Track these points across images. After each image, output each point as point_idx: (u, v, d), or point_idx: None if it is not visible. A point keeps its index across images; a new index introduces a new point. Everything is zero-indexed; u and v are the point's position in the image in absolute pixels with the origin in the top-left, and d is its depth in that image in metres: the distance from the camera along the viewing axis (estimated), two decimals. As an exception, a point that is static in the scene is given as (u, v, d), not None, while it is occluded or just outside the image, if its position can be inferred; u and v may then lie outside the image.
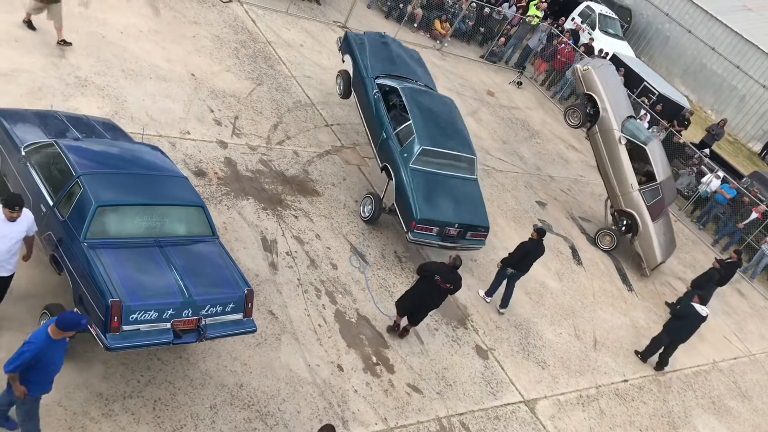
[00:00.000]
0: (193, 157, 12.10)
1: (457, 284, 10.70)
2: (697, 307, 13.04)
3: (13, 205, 7.29)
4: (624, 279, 15.99)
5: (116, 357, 8.20)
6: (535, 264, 14.48)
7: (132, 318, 7.36)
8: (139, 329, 7.46)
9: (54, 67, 12.31)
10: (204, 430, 8.16)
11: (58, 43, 12.56)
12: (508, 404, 10.95)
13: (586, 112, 16.79)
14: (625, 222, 16.21)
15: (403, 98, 13.18)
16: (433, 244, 12.45)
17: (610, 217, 16.73)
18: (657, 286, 16.45)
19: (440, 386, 10.55)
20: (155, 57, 14.09)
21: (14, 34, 12.51)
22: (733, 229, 19.80)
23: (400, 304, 10.85)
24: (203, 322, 7.86)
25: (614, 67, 19.02)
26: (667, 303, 15.67)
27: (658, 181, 15.99)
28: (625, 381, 12.85)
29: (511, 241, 14.83)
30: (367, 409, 9.56)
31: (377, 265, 12.15)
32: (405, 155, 12.56)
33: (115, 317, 7.27)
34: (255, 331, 8.57)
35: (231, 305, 8.13)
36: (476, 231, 12.69)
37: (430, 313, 11.64)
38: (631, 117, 16.99)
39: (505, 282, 12.65)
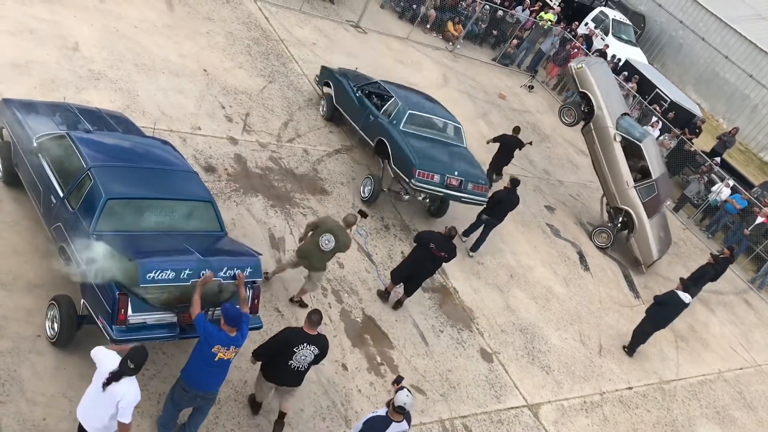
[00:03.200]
0: (204, 153, 12.13)
1: (451, 253, 11.10)
2: (680, 294, 13.14)
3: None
4: (631, 286, 15.93)
5: (122, 350, 8.22)
6: (541, 268, 14.51)
7: (149, 277, 7.15)
8: (145, 322, 7.48)
9: (67, 59, 12.36)
10: (207, 425, 8.16)
11: (292, 300, 10.39)
12: (512, 408, 10.93)
13: (581, 110, 16.89)
14: (621, 219, 16.22)
15: (382, 86, 14.30)
16: (437, 191, 12.83)
17: (606, 215, 16.77)
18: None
19: (444, 388, 10.54)
20: (168, 52, 14.14)
21: (29, 25, 12.57)
22: (740, 238, 19.71)
23: (396, 272, 11.21)
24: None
25: (608, 65, 19.00)
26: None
27: (654, 177, 16.09)
28: (630, 388, 12.80)
29: (519, 245, 14.84)
30: (370, 408, 9.54)
31: (384, 265, 12.13)
32: (395, 122, 13.35)
33: (122, 309, 7.29)
34: (261, 327, 8.59)
35: (249, 269, 8.02)
36: (477, 184, 13.17)
37: (435, 316, 11.65)
38: (625, 114, 17.04)
39: (481, 228, 13.54)
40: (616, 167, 16.15)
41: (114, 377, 6.30)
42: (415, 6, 22.14)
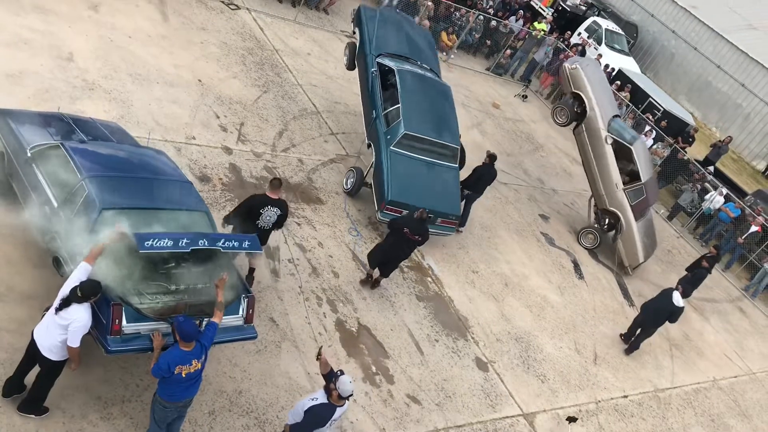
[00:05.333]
0: (198, 163, 12.13)
1: (424, 236, 11.41)
2: (675, 295, 13.33)
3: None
4: (625, 294, 15.95)
5: (116, 361, 8.19)
6: (536, 277, 14.53)
7: (147, 244, 7.25)
8: (139, 332, 7.44)
9: (62, 69, 12.36)
10: (202, 435, 8.14)
11: None
12: (507, 417, 10.91)
13: (574, 111, 16.88)
14: (607, 220, 16.33)
15: (397, 80, 13.45)
16: None
17: (593, 215, 16.86)
18: (658, 302, 16.40)
19: (439, 398, 10.53)
20: (163, 62, 14.15)
21: (23, 36, 12.57)
22: (734, 245, 19.78)
23: (371, 256, 11.44)
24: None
25: (600, 65, 19.06)
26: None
27: (643, 181, 16.15)
28: (625, 397, 12.81)
29: (513, 254, 14.86)
30: (365, 419, 9.53)
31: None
32: (388, 137, 13.04)
33: (116, 320, 7.27)
34: (255, 337, 8.56)
35: (246, 242, 8.20)
36: (447, 218, 13.11)
37: (431, 325, 11.66)
38: (616, 116, 17.09)
39: (463, 203, 13.99)
40: (606, 169, 16.22)
41: (64, 303, 6.80)
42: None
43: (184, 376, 6.97)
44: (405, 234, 11.11)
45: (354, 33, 14.98)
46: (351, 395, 7.24)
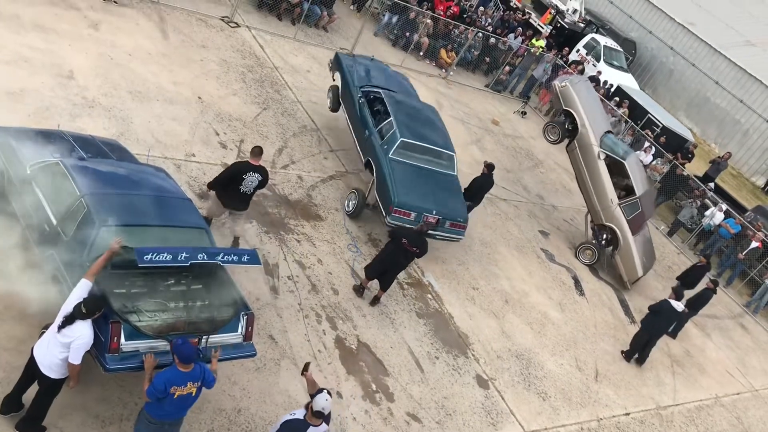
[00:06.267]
0: (198, 180, 12.13)
1: (423, 248, 11.48)
2: (672, 302, 13.56)
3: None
4: (626, 310, 15.90)
5: (114, 379, 8.13)
6: (536, 293, 14.49)
7: (146, 258, 7.37)
8: (138, 350, 7.39)
9: (62, 87, 12.39)
10: (200, 455, 8.07)
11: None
12: (508, 435, 10.83)
13: (565, 128, 17.07)
14: (605, 236, 16.32)
15: (385, 99, 14.00)
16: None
17: (590, 231, 16.84)
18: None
19: (440, 416, 10.45)
20: (162, 79, 14.19)
21: (24, 54, 12.61)
22: (735, 261, 19.75)
23: (370, 268, 11.54)
24: (203, 343, 7.80)
25: (591, 83, 19.25)
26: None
27: (638, 195, 16.17)
28: (627, 414, 12.72)
29: (513, 270, 14.82)
30: (365, 437, 9.45)
31: (375, 284, 12.03)
32: (385, 147, 13.26)
33: (115, 337, 7.22)
34: (255, 355, 8.50)
35: (246, 257, 8.29)
36: (455, 222, 13.15)
37: (431, 342, 11.59)
38: (608, 132, 17.17)
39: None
40: (601, 185, 16.28)
41: (67, 320, 6.79)
42: (408, 34, 22.34)
43: (176, 397, 6.89)
44: (403, 244, 11.19)
45: (334, 78, 15.45)
46: (325, 415, 7.02)
